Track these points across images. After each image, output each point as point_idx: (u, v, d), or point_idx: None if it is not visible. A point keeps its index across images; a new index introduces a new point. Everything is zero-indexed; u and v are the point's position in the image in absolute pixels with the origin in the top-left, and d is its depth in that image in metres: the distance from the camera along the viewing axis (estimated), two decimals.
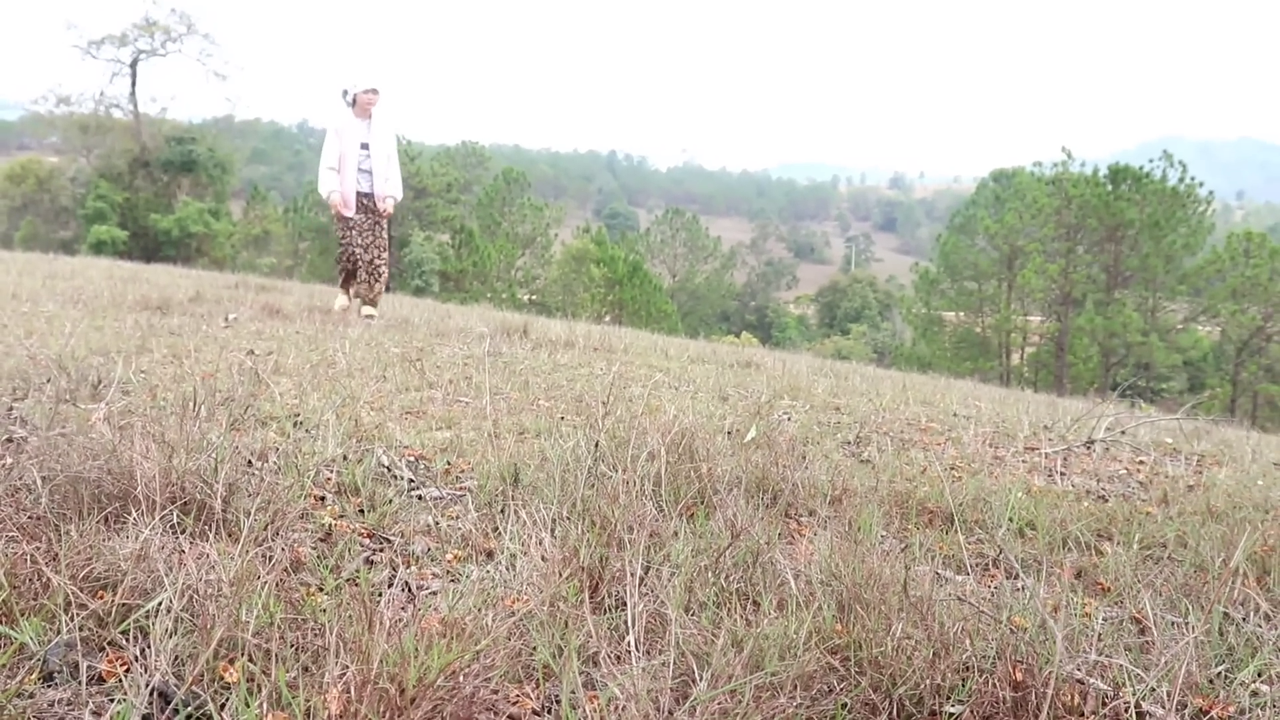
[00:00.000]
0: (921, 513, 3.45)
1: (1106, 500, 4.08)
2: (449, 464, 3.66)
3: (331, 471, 3.35)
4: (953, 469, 4.41)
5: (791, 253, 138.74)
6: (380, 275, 10.37)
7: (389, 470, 3.48)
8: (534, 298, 52.25)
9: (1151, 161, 41.91)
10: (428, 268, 47.37)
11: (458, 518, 3.02)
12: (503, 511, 3.01)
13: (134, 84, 49.27)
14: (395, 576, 2.49)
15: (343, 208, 10.01)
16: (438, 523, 2.96)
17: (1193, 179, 41.12)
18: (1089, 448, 5.26)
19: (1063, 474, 4.57)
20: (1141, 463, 5.12)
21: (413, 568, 2.60)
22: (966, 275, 46.29)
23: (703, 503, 3.14)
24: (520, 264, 55.69)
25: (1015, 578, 2.74)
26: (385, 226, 10.47)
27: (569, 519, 2.78)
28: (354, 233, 10.15)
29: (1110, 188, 41.99)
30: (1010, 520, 3.41)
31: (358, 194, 10.11)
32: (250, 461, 3.22)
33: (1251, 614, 2.55)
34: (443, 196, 51.98)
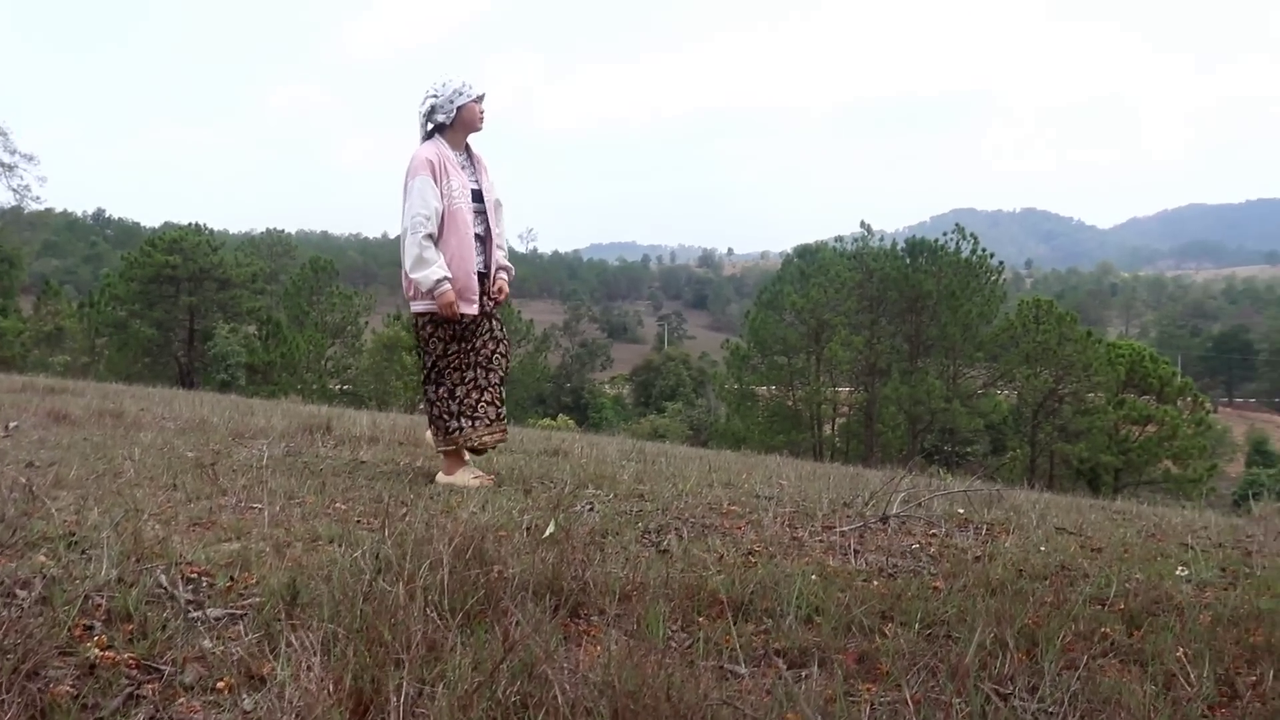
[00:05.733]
0: (712, 604, 3.46)
1: (895, 578, 4.19)
2: (232, 579, 3.51)
3: (103, 597, 3.19)
4: (750, 554, 4.46)
5: (605, 333, 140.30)
6: (502, 400, 6.24)
7: (167, 591, 3.32)
8: (346, 387, 51.23)
9: (945, 234, 44.10)
10: (233, 360, 46.16)
11: (235, 640, 2.90)
12: (282, 632, 2.91)
13: None
14: (157, 714, 2.37)
15: (464, 304, 5.87)
16: (212, 648, 2.84)
17: (984, 250, 43.39)
18: (885, 523, 5.40)
19: (857, 552, 4.67)
20: (934, 535, 5.28)
21: (181, 699, 2.49)
22: (776, 350, 47.52)
23: (490, 610, 3.09)
24: (330, 354, 54.65)
25: (799, 667, 2.78)
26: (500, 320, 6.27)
27: (346, 638, 2.71)
28: (464, 345, 6.03)
29: (908, 260, 44.01)
30: (798, 607, 3.46)
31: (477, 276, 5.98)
32: (13, 592, 3.04)
33: (1017, 690, 2.64)
34: (248, 287, 50.96)
